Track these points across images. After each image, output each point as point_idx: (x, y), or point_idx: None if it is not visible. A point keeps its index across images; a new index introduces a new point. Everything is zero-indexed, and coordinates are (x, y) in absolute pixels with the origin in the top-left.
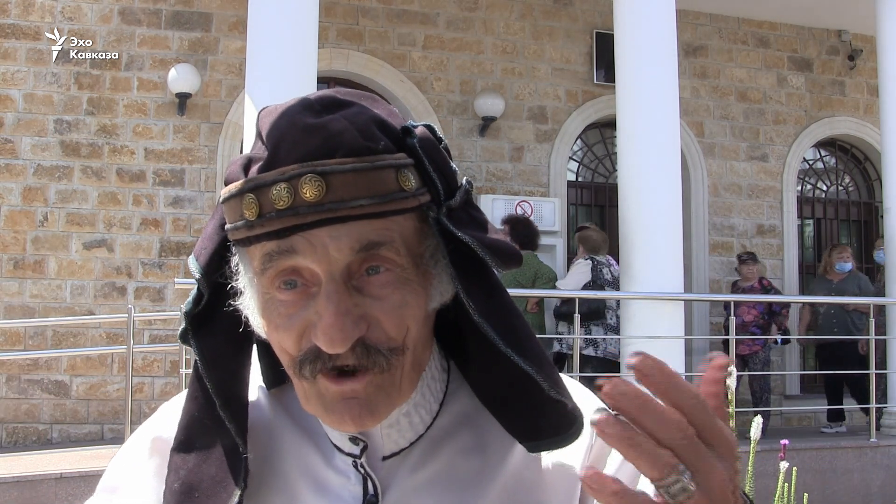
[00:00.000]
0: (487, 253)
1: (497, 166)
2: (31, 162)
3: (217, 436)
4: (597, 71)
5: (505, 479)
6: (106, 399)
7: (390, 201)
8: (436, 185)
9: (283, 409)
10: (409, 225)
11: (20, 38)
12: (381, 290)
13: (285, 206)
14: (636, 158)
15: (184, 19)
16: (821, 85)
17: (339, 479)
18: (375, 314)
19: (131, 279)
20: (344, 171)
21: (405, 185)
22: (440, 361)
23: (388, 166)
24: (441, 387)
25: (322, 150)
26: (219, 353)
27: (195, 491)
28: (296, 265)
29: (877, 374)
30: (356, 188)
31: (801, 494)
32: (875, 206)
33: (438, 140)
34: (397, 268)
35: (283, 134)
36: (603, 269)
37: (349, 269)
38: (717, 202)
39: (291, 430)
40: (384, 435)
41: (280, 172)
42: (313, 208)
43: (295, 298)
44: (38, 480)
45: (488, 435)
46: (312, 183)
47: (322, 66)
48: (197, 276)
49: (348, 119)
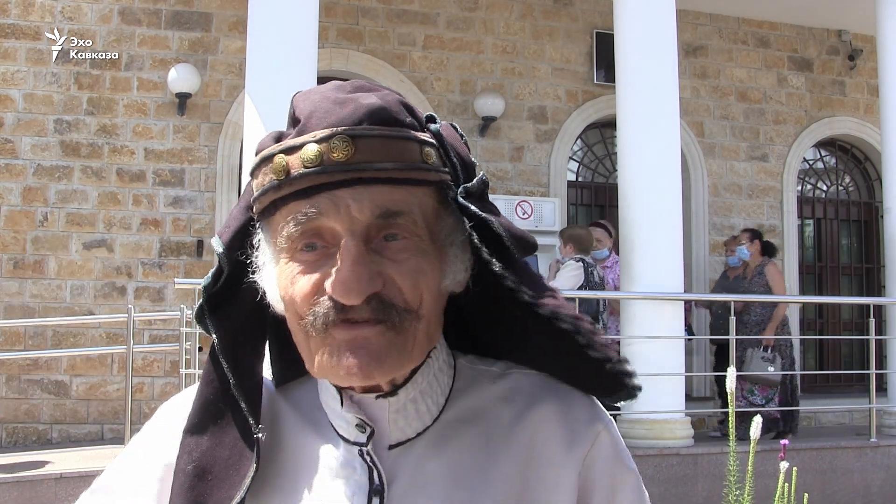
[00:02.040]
0: (505, 232)
1: (497, 166)
2: (31, 162)
3: (231, 419)
4: (597, 71)
5: (510, 475)
6: (106, 399)
7: (413, 169)
8: (455, 168)
9: (289, 404)
10: (428, 202)
11: (20, 38)
12: (399, 254)
13: (314, 165)
14: (636, 158)
15: (184, 19)
16: (821, 85)
17: (344, 469)
18: (392, 274)
19: (131, 279)
20: (372, 135)
21: (427, 160)
22: (447, 357)
23: (412, 139)
24: (448, 381)
25: (352, 117)
26: (235, 334)
27: (208, 473)
28: (319, 226)
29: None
30: (383, 153)
31: (801, 494)
32: (875, 206)
33: (461, 136)
34: (415, 237)
35: (315, 106)
36: (592, 272)
37: (368, 232)
38: (717, 202)
39: (296, 422)
40: (391, 420)
41: (311, 135)
42: (341, 167)
43: (315, 259)
44: (38, 480)
45: (494, 432)
46: (341, 144)
47: (322, 66)
48: (219, 251)
49: (378, 96)
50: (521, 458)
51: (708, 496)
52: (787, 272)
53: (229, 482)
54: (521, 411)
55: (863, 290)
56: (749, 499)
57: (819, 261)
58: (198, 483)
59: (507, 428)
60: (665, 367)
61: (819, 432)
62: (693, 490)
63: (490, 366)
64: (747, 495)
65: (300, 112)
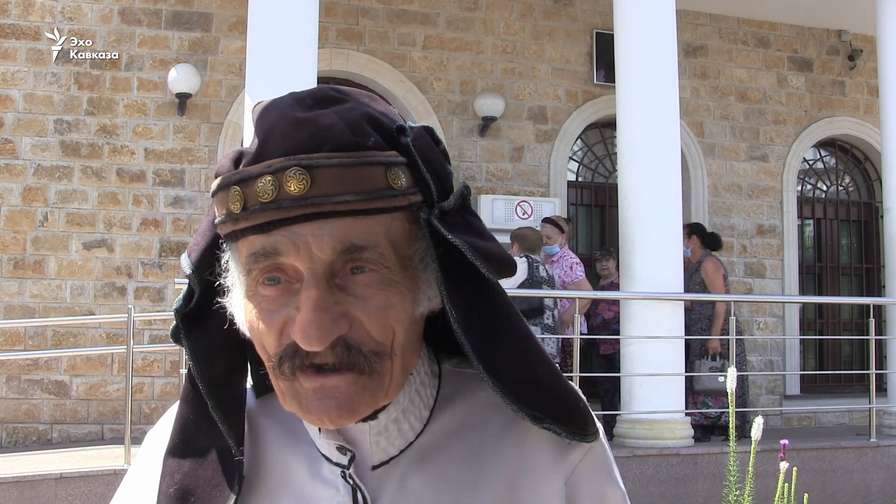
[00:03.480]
0: (478, 258)
1: (497, 166)
2: (31, 162)
3: (212, 438)
4: (597, 71)
5: (497, 486)
6: (106, 399)
7: (377, 199)
8: (428, 186)
9: (271, 417)
10: (398, 225)
11: (20, 38)
12: (366, 290)
13: (269, 200)
14: (636, 158)
15: (184, 19)
16: (821, 85)
17: (327, 490)
18: (357, 314)
19: (131, 279)
20: (330, 165)
21: (394, 184)
22: (430, 366)
23: (376, 163)
24: (432, 392)
25: (309, 144)
26: (212, 353)
27: (191, 495)
28: (280, 262)
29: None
30: (342, 183)
31: (801, 494)
32: (875, 206)
33: (436, 142)
34: (383, 269)
35: (272, 127)
36: (539, 267)
37: (332, 268)
38: (717, 202)
39: (279, 439)
40: (373, 443)
41: (266, 165)
42: (297, 202)
43: (277, 294)
44: (38, 480)
45: (481, 444)
46: (297, 176)
47: (322, 66)
48: (187, 272)
49: (339, 114)
50: (510, 468)
51: (708, 496)
52: (787, 272)
53: (213, 503)
54: (509, 419)
55: (863, 290)
56: (749, 499)
57: (819, 261)
58: None
59: (496, 437)
60: (665, 367)
61: (819, 432)
62: (693, 490)
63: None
64: (747, 495)
65: (258, 131)
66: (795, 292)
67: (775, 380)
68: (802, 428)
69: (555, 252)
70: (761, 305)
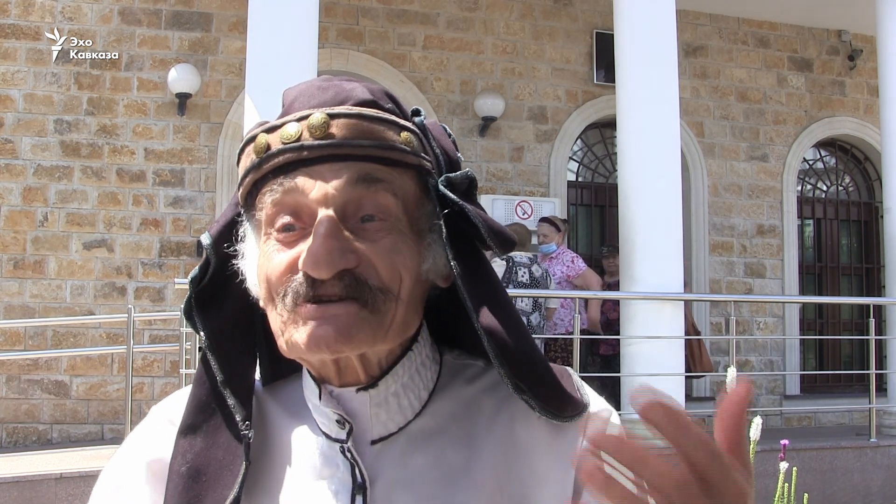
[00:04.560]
0: (483, 225)
1: (497, 166)
2: (31, 162)
3: (224, 420)
4: (597, 71)
5: (495, 471)
6: (106, 399)
7: (390, 149)
8: (437, 159)
9: (276, 402)
10: (408, 185)
11: (20, 38)
12: (375, 234)
13: (292, 141)
14: (636, 158)
15: (184, 19)
16: (821, 85)
17: (328, 467)
18: (367, 254)
19: (131, 279)
20: (350, 115)
21: (407, 144)
22: (431, 352)
23: (392, 122)
24: (432, 376)
25: (334, 100)
26: (223, 332)
27: (202, 475)
28: (297, 203)
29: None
30: (359, 132)
31: (801, 494)
32: (875, 206)
33: (448, 134)
34: (392, 217)
35: (300, 91)
36: (518, 270)
37: (345, 209)
38: (717, 202)
39: (282, 421)
40: (372, 415)
41: (292, 115)
42: (318, 143)
43: (292, 239)
44: (38, 480)
45: (478, 428)
46: (320, 122)
47: (322, 66)
48: (207, 243)
49: (362, 85)
50: (504, 446)
51: None
52: (787, 272)
53: (223, 483)
54: (501, 400)
55: (863, 290)
56: None
57: (819, 261)
58: (192, 484)
59: (489, 417)
60: (665, 367)
61: (819, 432)
62: None
63: (477, 360)
64: None
65: (286, 99)
66: (795, 292)
67: (775, 380)
68: (802, 428)
69: (552, 251)
70: (761, 305)
